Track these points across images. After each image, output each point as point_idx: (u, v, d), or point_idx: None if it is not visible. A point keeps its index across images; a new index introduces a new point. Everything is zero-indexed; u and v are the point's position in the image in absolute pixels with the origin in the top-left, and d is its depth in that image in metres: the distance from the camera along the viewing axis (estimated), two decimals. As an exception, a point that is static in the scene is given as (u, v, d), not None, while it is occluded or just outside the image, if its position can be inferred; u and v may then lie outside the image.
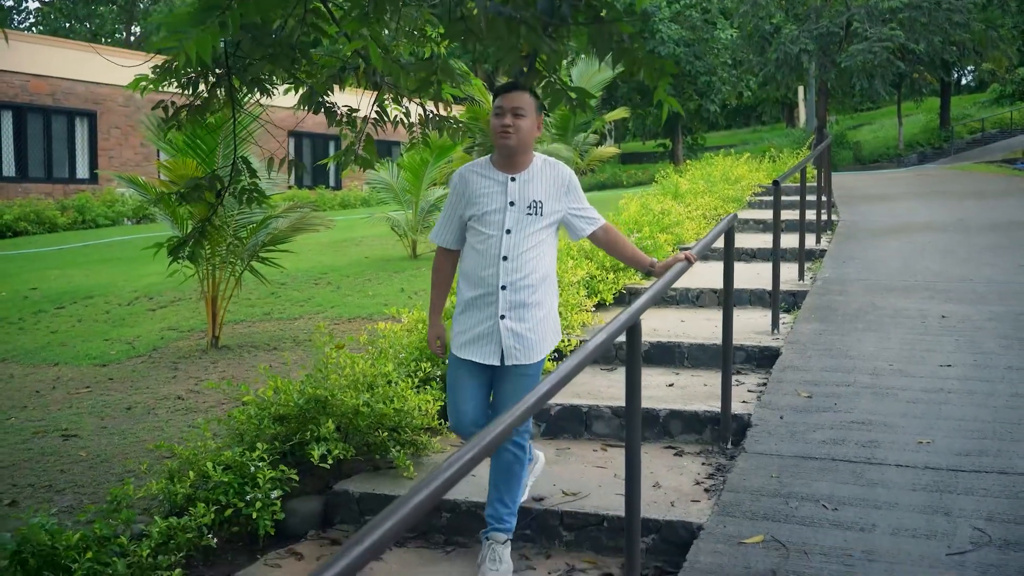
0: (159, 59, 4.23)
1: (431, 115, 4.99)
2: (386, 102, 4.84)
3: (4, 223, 17.14)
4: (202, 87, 4.61)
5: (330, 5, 3.80)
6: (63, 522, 3.64)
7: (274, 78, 4.32)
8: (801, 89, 43.70)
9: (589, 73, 18.29)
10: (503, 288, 3.67)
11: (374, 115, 4.87)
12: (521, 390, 3.62)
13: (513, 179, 3.72)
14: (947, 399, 4.94)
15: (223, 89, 4.62)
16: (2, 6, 43.56)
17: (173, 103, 4.51)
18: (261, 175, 4.96)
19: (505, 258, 3.67)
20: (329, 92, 4.54)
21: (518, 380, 3.72)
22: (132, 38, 52.38)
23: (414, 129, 5.07)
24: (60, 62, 20.20)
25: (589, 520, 3.92)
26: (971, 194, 14.63)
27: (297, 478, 4.13)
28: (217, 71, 4.55)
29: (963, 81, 55.78)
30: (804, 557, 3.41)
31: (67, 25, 52.49)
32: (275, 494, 3.94)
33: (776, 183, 6.96)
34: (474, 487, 4.13)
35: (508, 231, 3.68)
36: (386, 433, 4.43)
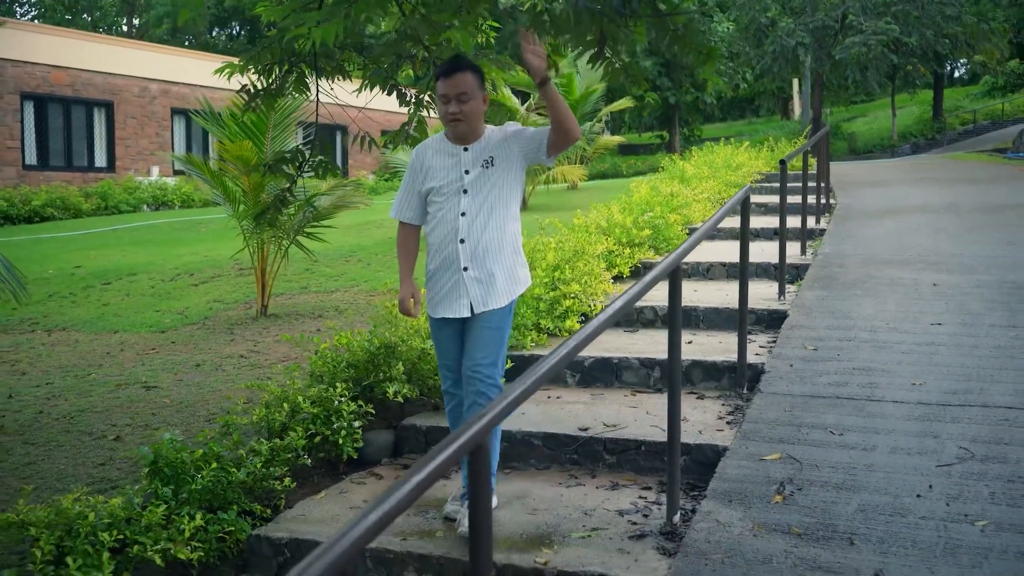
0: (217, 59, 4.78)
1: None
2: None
3: (32, 209, 17.79)
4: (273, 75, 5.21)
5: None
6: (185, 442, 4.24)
7: (346, 64, 4.90)
8: (796, 82, 44.32)
9: (560, 74, 18.90)
10: (462, 241, 3.80)
11: (428, 98, 5.47)
12: (486, 336, 3.82)
13: (466, 149, 3.85)
14: (937, 350, 5.56)
15: (295, 75, 5.22)
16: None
17: (254, 87, 5.09)
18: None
19: (463, 214, 3.80)
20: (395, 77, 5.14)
21: (484, 327, 3.83)
22: (133, 30, 52.74)
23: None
24: (79, 53, 20.76)
25: (628, 445, 4.54)
26: (962, 180, 15.27)
27: (374, 412, 4.75)
28: (292, 59, 5.15)
29: (956, 74, 56.45)
30: (815, 469, 4.03)
31: (69, 18, 52.85)
32: (357, 424, 4.55)
33: (783, 162, 7.58)
34: (525, 421, 4.75)
35: (465, 191, 3.81)
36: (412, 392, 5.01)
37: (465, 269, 3.82)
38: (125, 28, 53.47)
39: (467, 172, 3.82)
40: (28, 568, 3.30)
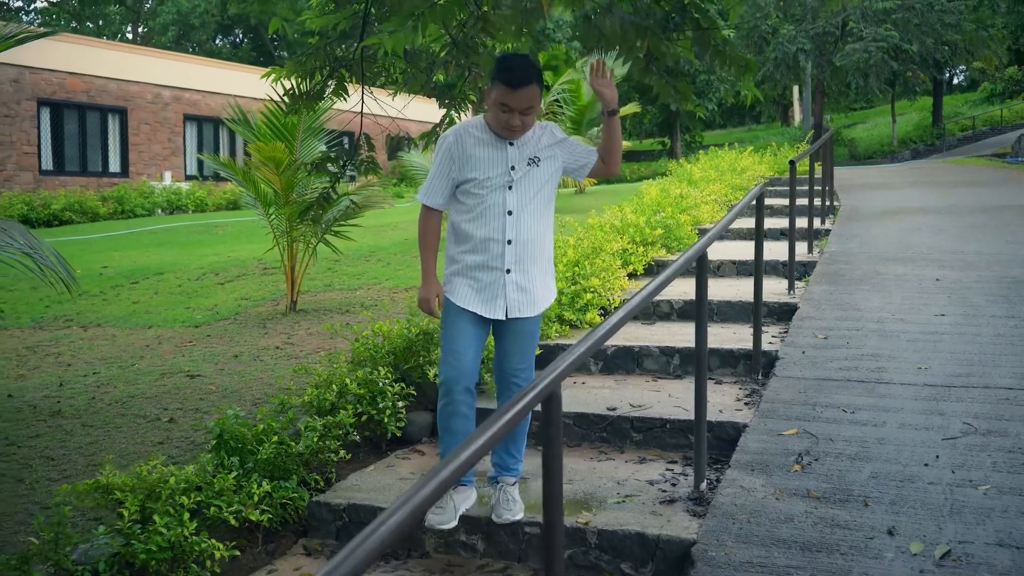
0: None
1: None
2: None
3: (52, 212, 18.18)
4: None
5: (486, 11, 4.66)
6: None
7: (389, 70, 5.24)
8: (796, 88, 44.73)
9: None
10: (509, 242, 3.72)
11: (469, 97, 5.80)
12: (525, 343, 3.85)
13: (512, 143, 3.75)
14: (941, 339, 5.89)
15: (335, 80, 5.56)
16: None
17: (297, 91, 5.43)
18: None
19: (510, 212, 3.72)
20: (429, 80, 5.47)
21: (521, 333, 3.84)
22: (138, 39, 53.15)
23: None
24: (94, 61, 21.14)
25: (654, 424, 4.86)
26: (963, 183, 15.61)
27: (414, 393, 5.07)
28: (333, 65, 5.49)
29: (955, 80, 56.87)
30: (830, 443, 4.36)
31: (74, 25, 53.28)
32: (401, 404, 4.87)
33: (792, 163, 7.92)
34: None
35: (510, 187, 3.71)
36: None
37: (508, 271, 3.74)
38: (130, 36, 53.88)
39: (513, 168, 3.73)
40: (116, 527, 3.62)
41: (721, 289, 7.72)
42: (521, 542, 3.85)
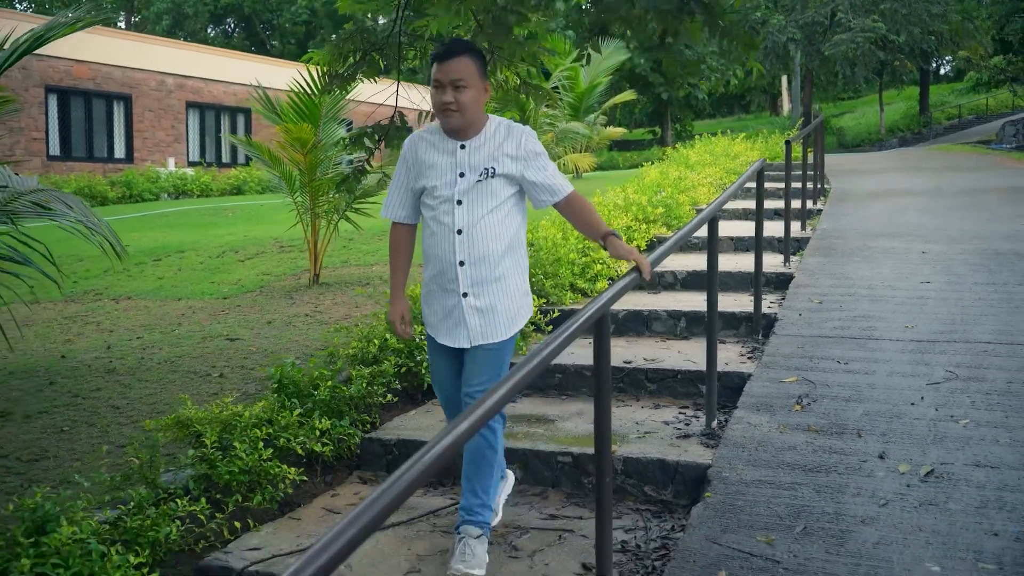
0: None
1: (524, 82, 6.40)
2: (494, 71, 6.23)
3: (61, 196, 18.57)
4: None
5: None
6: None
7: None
8: (785, 78, 45.29)
9: (599, 59, 19.78)
10: (461, 264, 3.40)
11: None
12: (486, 357, 3.46)
13: (463, 146, 3.42)
14: (926, 302, 6.40)
15: (367, 63, 6.01)
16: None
17: (336, 72, 5.88)
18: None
19: (460, 231, 3.39)
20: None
21: (484, 357, 3.47)
22: (132, 27, 53.28)
23: (509, 93, 6.47)
24: (100, 48, 21.50)
25: (667, 374, 5.35)
26: (948, 168, 16.17)
27: (448, 348, 5.55)
28: (365, 48, 5.94)
29: (942, 70, 57.52)
30: (826, 388, 4.86)
31: (69, 15, 53.29)
32: (436, 357, 5.34)
33: (788, 143, 8.42)
34: (576, 358, 5.56)
35: (459, 202, 3.39)
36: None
37: (465, 295, 3.43)
38: (123, 25, 54.02)
39: (462, 175, 3.40)
40: (200, 454, 4.09)
41: (720, 262, 8.18)
42: (555, 470, 4.34)
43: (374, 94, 6.64)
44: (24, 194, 5.79)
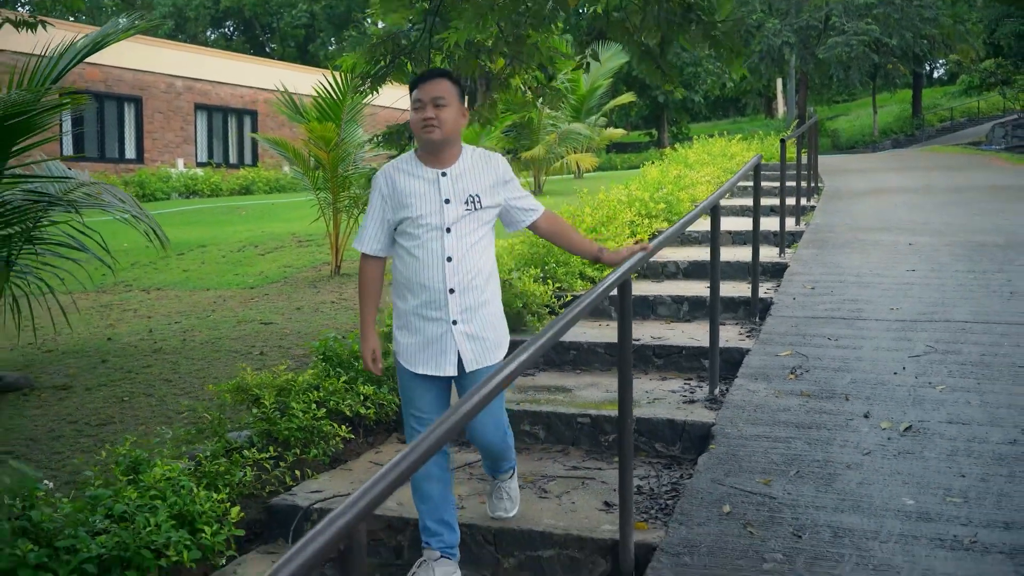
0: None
1: (542, 85, 6.91)
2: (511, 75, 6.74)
3: (77, 195, 19.09)
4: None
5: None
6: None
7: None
8: (780, 81, 45.86)
9: (600, 62, 20.32)
10: (451, 291, 3.40)
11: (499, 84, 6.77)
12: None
13: (444, 174, 3.44)
14: (911, 288, 6.92)
15: (396, 67, 6.52)
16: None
17: (369, 74, 6.38)
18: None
19: (450, 259, 3.39)
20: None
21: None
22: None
23: (527, 95, 6.99)
24: (111, 51, 21.95)
25: (672, 350, 5.86)
26: (938, 168, 16.71)
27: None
28: (395, 52, 6.44)
29: (935, 74, 58.17)
30: (818, 360, 5.37)
31: (70, 19, 53.77)
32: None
33: (783, 141, 8.93)
34: (588, 336, 6.06)
35: (448, 230, 3.40)
36: (521, 304, 6.34)
37: (455, 323, 3.42)
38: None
39: (447, 201, 3.42)
40: (260, 414, 4.59)
41: (720, 254, 8.72)
42: (575, 430, 4.84)
43: (397, 100, 7.14)
44: (82, 185, 6.30)
